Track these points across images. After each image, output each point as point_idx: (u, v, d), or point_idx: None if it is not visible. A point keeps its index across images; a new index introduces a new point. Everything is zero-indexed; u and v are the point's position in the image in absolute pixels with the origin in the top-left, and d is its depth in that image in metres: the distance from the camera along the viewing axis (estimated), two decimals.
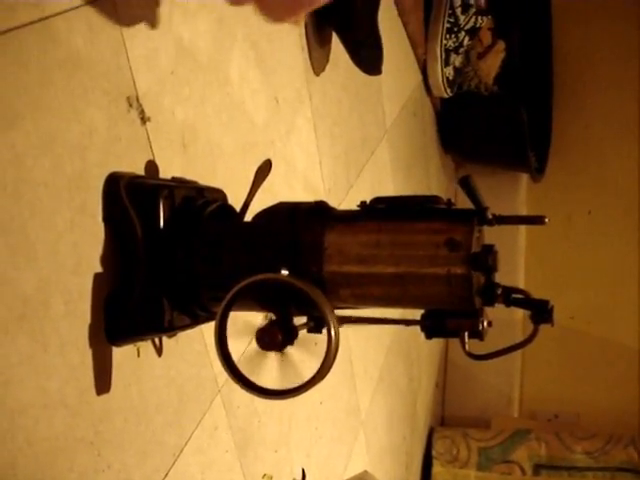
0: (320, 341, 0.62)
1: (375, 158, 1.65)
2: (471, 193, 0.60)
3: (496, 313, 0.65)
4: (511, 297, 0.62)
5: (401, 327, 0.69)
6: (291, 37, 1.16)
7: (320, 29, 1.27)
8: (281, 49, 1.12)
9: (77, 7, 0.63)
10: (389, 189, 1.79)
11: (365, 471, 1.40)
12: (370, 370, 1.65)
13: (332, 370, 0.62)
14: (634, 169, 2.46)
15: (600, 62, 2.48)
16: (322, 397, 1.30)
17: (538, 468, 2.29)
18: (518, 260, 2.55)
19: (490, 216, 0.61)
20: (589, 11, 2.46)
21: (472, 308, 0.61)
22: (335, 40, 1.32)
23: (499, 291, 0.61)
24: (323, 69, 1.30)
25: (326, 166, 1.31)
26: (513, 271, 2.50)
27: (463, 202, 0.65)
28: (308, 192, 1.21)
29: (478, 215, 0.61)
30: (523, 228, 2.55)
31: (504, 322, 1.05)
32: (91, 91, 0.65)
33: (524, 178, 2.56)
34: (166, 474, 0.77)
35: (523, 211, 2.53)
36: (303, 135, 1.20)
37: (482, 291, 0.61)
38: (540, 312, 0.62)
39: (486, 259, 0.58)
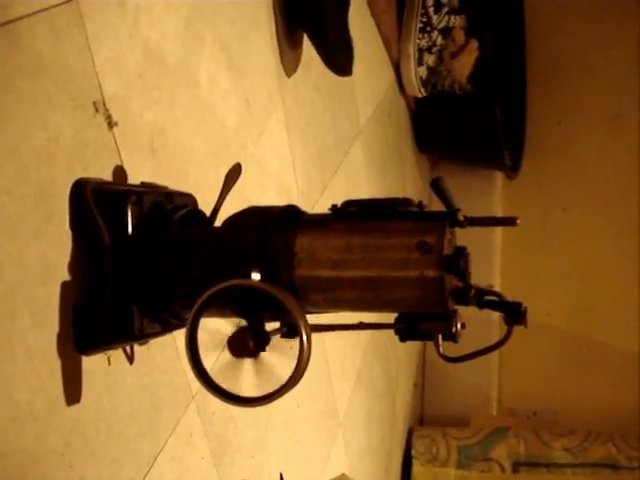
0: (295, 345, 0.61)
1: (349, 159, 1.65)
2: (442, 195, 0.60)
3: (472, 313, 0.64)
4: (484, 299, 0.62)
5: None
6: (262, 39, 1.15)
7: (291, 31, 1.27)
8: (252, 51, 1.11)
9: (40, 11, 0.62)
10: (364, 190, 1.78)
11: (343, 474, 1.40)
12: (347, 371, 1.64)
13: (308, 372, 0.61)
14: (608, 165, 2.48)
15: (572, 59, 2.50)
16: (299, 400, 1.30)
17: (517, 465, 2.29)
18: (494, 259, 2.56)
19: (462, 218, 0.60)
20: (561, 9, 2.47)
21: (445, 311, 0.60)
22: (306, 41, 1.32)
23: (472, 293, 0.61)
24: (295, 70, 1.30)
25: (299, 168, 1.30)
26: (489, 270, 2.51)
27: (438, 202, 0.64)
28: (281, 195, 1.20)
29: (450, 217, 0.60)
30: (498, 227, 2.56)
31: (480, 322, 1.05)
32: (56, 96, 0.64)
33: (499, 176, 2.56)
34: None
35: (498, 209, 2.54)
36: (275, 137, 1.20)
37: (455, 293, 0.61)
38: (513, 314, 0.61)
39: (458, 262, 0.58)
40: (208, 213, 0.72)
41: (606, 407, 2.43)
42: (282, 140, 1.22)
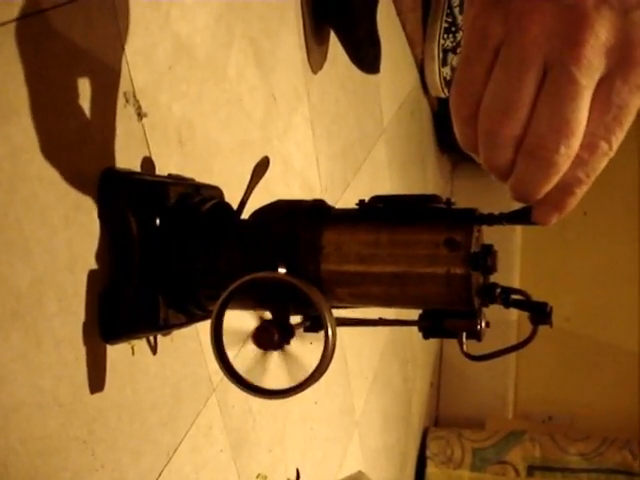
0: (315, 340, 0.61)
1: (372, 157, 1.65)
2: None
3: (490, 315, 0.64)
4: (510, 298, 0.62)
5: (396, 327, 0.69)
6: (289, 35, 1.16)
7: (318, 27, 1.27)
8: (280, 47, 1.11)
9: (74, 1, 0.63)
10: (386, 188, 1.78)
11: (359, 471, 1.40)
12: (365, 370, 1.64)
13: (328, 369, 0.61)
14: (631, 170, 2.46)
15: None
16: (317, 397, 1.30)
17: (532, 469, 2.29)
18: (514, 261, 2.55)
19: (490, 215, 0.60)
20: None
21: (471, 308, 0.60)
22: (333, 38, 1.32)
23: (498, 291, 0.60)
24: (321, 67, 1.30)
25: (323, 164, 1.30)
26: (508, 272, 2.50)
27: (460, 202, 0.64)
28: (304, 191, 1.21)
29: (477, 214, 0.60)
30: (519, 229, 2.55)
31: (499, 323, 1.05)
32: (88, 86, 0.64)
33: None
34: (160, 473, 0.77)
35: None
36: (300, 133, 1.20)
37: (481, 291, 0.60)
38: (539, 313, 0.61)
39: (485, 259, 0.58)
40: (234, 206, 0.72)
41: (623, 413, 2.42)
42: (307, 136, 1.22)
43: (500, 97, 0.46)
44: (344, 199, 1.41)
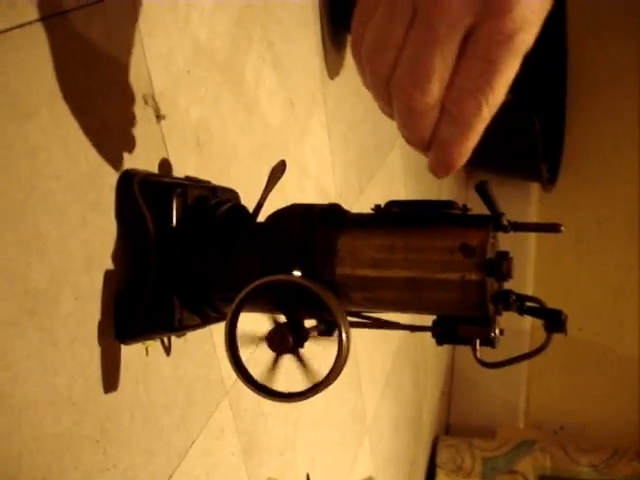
0: (328, 346, 0.61)
1: (387, 164, 1.65)
2: (487, 198, 0.59)
3: (504, 323, 0.64)
4: (525, 305, 0.62)
5: (408, 333, 0.69)
6: (307, 40, 1.16)
7: (336, 33, 1.27)
8: (297, 52, 1.12)
9: (96, 2, 0.63)
10: (400, 196, 1.78)
11: (369, 477, 1.40)
12: (377, 376, 1.64)
13: (340, 374, 0.61)
14: None
15: (615, 73, 2.48)
16: (328, 401, 1.30)
17: (542, 479, 2.28)
18: (527, 272, 2.54)
19: (506, 222, 0.60)
20: (605, 21, 2.45)
21: (485, 315, 0.60)
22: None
23: (513, 298, 0.60)
24: (338, 73, 1.30)
25: (338, 170, 1.30)
26: (522, 281, 2.49)
27: (475, 211, 0.64)
28: (320, 195, 1.21)
29: (493, 221, 0.60)
30: (533, 238, 2.55)
31: (512, 332, 1.04)
32: (107, 87, 0.65)
33: (535, 188, 2.55)
34: (171, 475, 0.77)
35: (533, 221, 2.52)
36: (317, 138, 1.20)
37: (495, 298, 0.60)
38: (554, 321, 0.61)
39: (501, 265, 0.58)
40: (250, 209, 0.72)
41: (635, 424, 2.41)
42: (323, 142, 1.23)
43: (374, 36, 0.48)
44: (359, 205, 1.41)
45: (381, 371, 1.68)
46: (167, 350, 0.75)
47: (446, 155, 0.52)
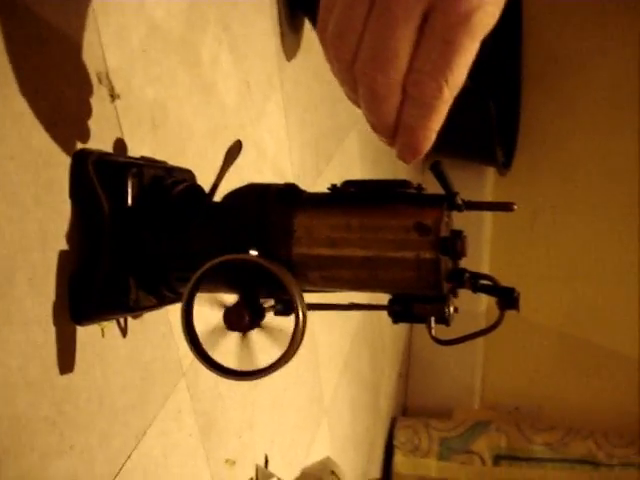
0: (285, 328, 0.62)
1: (344, 147, 1.65)
2: (441, 178, 0.60)
3: (460, 305, 0.65)
4: (478, 283, 0.63)
5: (367, 315, 0.69)
6: (264, 22, 1.16)
7: (293, 16, 1.27)
8: (254, 34, 1.11)
9: None
10: (357, 177, 1.78)
11: (327, 457, 1.41)
12: (335, 358, 1.65)
13: (297, 356, 0.62)
14: (601, 165, 2.49)
15: (570, 55, 2.51)
16: (286, 384, 1.30)
17: (498, 459, 2.31)
18: (483, 251, 2.57)
19: (460, 201, 0.61)
20: (561, 3, 2.47)
21: (440, 293, 0.61)
22: (307, 27, 1.32)
23: (467, 276, 0.61)
24: (295, 56, 1.30)
25: (295, 152, 1.30)
26: (478, 261, 2.52)
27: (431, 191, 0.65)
28: (277, 177, 1.21)
29: (448, 200, 0.61)
30: (489, 220, 2.57)
31: (468, 314, 1.06)
32: (61, 66, 0.64)
33: (491, 171, 2.57)
34: (129, 456, 0.77)
35: None
36: (273, 120, 1.20)
37: (450, 276, 0.61)
38: (506, 298, 0.62)
39: (455, 244, 0.58)
40: (207, 189, 0.72)
41: (589, 404, 2.45)
42: (280, 124, 1.23)
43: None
44: (316, 187, 1.40)
45: (339, 353, 1.69)
46: (123, 331, 0.75)
47: (412, 139, 0.53)
